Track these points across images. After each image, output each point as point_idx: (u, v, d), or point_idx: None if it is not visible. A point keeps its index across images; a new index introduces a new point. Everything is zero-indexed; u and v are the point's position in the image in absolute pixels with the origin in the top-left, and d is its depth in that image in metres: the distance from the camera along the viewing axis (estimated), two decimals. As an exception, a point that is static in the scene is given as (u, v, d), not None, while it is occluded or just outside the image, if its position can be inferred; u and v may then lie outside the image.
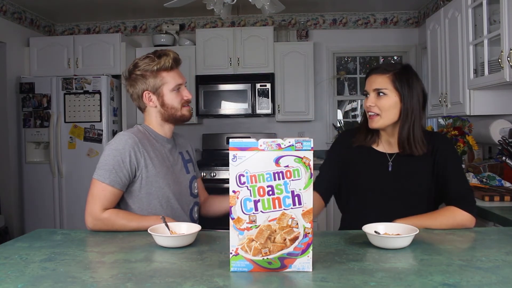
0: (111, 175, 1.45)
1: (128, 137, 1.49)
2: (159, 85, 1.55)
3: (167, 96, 1.55)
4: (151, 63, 1.54)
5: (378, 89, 1.48)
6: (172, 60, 1.55)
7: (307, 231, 0.96)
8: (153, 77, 1.54)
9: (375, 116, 1.49)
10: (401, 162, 1.52)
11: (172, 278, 0.92)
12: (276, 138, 0.96)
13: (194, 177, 1.69)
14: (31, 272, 0.97)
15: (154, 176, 1.50)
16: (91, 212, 1.45)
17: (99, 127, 3.97)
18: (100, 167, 1.47)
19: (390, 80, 1.48)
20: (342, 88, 5.00)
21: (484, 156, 2.98)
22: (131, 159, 1.47)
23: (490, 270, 0.95)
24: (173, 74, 1.56)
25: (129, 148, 1.47)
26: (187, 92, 1.60)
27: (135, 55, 4.46)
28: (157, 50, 1.59)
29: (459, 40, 2.77)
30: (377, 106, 1.48)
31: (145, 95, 1.56)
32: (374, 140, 1.57)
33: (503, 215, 1.74)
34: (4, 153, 4.01)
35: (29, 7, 4.27)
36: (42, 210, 4.03)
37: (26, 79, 4.08)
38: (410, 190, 1.50)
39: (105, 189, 1.45)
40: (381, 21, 4.61)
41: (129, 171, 1.47)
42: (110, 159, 1.46)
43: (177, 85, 1.56)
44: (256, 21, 4.73)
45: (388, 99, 1.47)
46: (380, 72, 1.50)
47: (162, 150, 1.57)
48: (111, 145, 1.49)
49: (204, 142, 4.65)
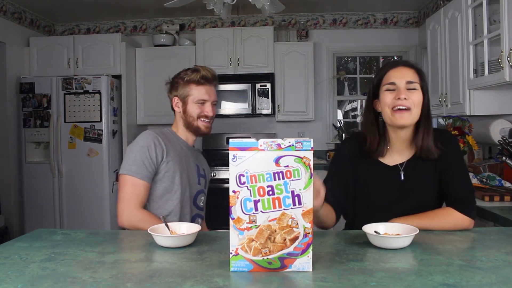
0: (142, 170, 1.55)
1: (152, 135, 1.62)
2: (186, 94, 1.70)
3: (189, 105, 1.70)
4: (186, 74, 1.71)
5: (412, 81, 1.36)
6: (200, 76, 1.69)
7: (307, 231, 0.96)
8: (183, 86, 1.71)
9: (406, 111, 1.35)
10: (413, 168, 1.44)
11: (172, 278, 0.92)
12: (276, 138, 0.96)
13: (203, 192, 1.79)
14: (31, 272, 0.97)
15: (172, 173, 1.61)
16: (126, 208, 1.53)
17: (99, 127, 3.96)
18: (131, 164, 1.56)
19: (417, 75, 1.39)
20: (342, 88, 5.00)
21: (484, 156, 2.98)
22: (157, 154, 1.59)
23: (490, 270, 0.95)
24: (200, 89, 1.69)
25: (153, 145, 1.59)
26: (209, 109, 1.71)
27: (135, 55, 4.46)
28: (198, 65, 1.76)
29: (459, 40, 2.77)
30: (410, 100, 1.35)
31: (174, 99, 1.73)
32: (382, 151, 1.45)
33: (503, 215, 1.74)
34: (4, 153, 4.01)
35: (29, 7, 4.27)
36: (42, 210, 4.03)
37: (26, 79, 4.08)
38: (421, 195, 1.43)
39: (136, 184, 1.54)
40: (381, 21, 4.61)
41: (155, 165, 1.59)
42: (139, 155, 1.57)
43: (201, 99, 1.69)
44: (256, 21, 4.73)
45: (419, 94, 1.37)
46: (409, 66, 1.40)
47: (181, 153, 1.69)
48: (137, 143, 1.61)
49: (204, 142, 4.65)
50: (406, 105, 1.35)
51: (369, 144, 1.44)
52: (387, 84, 1.39)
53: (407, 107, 1.35)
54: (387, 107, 1.38)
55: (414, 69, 1.40)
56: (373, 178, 1.46)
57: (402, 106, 1.35)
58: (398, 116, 1.36)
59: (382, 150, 1.44)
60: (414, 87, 1.37)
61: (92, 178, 3.92)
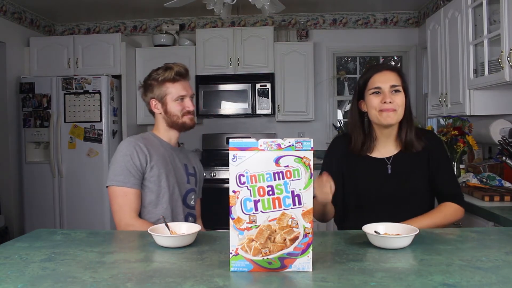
0: (130, 179, 1.54)
1: (133, 142, 1.60)
2: (164, 94, 1.67)
3: (170, 104, 1.67)
4: (159, 74, 1.67)
5: (395, 85, 1.49)
6: (174, 73, 1.66)
7: (307, 231, 0.96)
8: (158, 86, 1.67)
9: (392, 111, 1.48)
10: (400, 162, 1.55)
11: (172, 278, 0.92)
12: (276, 138, 0.96)
13: (193, 190, 1.76)
14: (31, 272, 0.97)
15: (157, 177, 1.59)
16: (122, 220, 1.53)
17: (99, 127, 3.97)
18: (117, 174, 1.55)
19: (399, 77, 1.52)
20: (342, 88, 5.00)
21: (484, 156, 2.98)
22: (140, 161, 1.57)
23: (490, 270, 0.95)
24: (177, 86, 1.67)
25: (136, 152, 1.57)
26: (190, 104, 1.69)
27: (135, 55, 4.46)
28: (168, 63, 1.70)
29: (459, 40, 2.77)
30: (395, 102, 1.49)
31: (151, 102, 1.70)
32: (369, 148, 1.57)
33: (503, 215, 1.74)
34: (4, 153, 4.01)
35: (29, 7, 4.27)
36: (42, 210, 4.03)
37: (26, 79, 4.08)
38: (410, 189, 1.53)
39: (127, 193, 1.54)
40: (381, 21, 4.61)
41: (141, 171, 1.57)
42: (123, 164, 1.55)
43: (179, 96, 1.67)
44: (256, 21, 4.73)
45: (402, 96, 1.51)
46: (392, 69, 1.52)
47: (165, 154, 1.66)
48: (120, 152, 1.59)
49: (204, 142, 4.65)
50: (391, 108, 1.48)
51: (354, 143, 1.57)
52: (372, 89, 1.51)
53: (392, 108, 1.48)
54: (374, 109, 1.51)
55: (396, 72, 1.53)
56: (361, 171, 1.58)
57: (387, 108, 1.48)
58: (385, 116, 1.49)
59: (368, 148, 1.57)
60: (397, 89, 1.50)
61: (92, 178, 3.92)
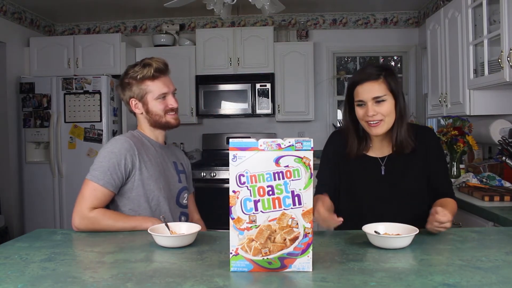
0: (105, 177, 1.45)
1: (124, 140, 1.51)
2: (144, 93, 1.57)
3: (151, 103, 1.58)
4: (137, 71, 1.56)
5: (378, 97, 1.43)
6: (153, 70, 1.55)
7: (307, 231, 0.96)
8: (137, 85, 1.57)
9: (379, 123, 1.45)
10: (393, 163, 1.54)
11: (172, 278, 0.92)
12: (276, 138, 0.96)
13: (185, 188, 1.70)
14: (31, 272, 0.97)
15: (146, 179, 1.52)
16: (79, 211, 1.43)
17: (99, 127, 3.96)
18: (95, 169, 1.47)
19: (385, 85, 1.44)
20: (342, 88, 4.99)
21: (484, 156, 2.98)
22: (126, 162, 1.48)
23: (490, 270, 0.95)
24: (157, 83, 1.57)
25: (125, 151, 1.49)
26: (173, 101, 1.60)
27: (135, 55, 4.46)
28: (146, 59, 1.60)
29: (459, 40, 2.77)
30: (379, 113, 1.44)
31: (131, 102, 1.60)
32: (365, 148, 1.56)
33: (503, 215, 1.74)
34: (4, 153, 4.01)
35: (29, 7, 4.27)
36: (42, 210, 4.03)
37: (26, 79, 4.08)
38: (405, 190, 1.52)
39: (97, 189, 1.45)
40: (381, 21, 4.61)
41: (123, 173, 1.49)
42: (106, 161, 1.47)
43: (161, 94, 1.57)
44: (256, 21, 4.73)
45: (388, 104, 1.45)
46: (374, 79, 1.44)
47: (156, 154, 1.59)
48: (106, 148, 1.51)
49: (204, 142, 4.65)
50: (377, 119, 1.45)
51: (349, 148, 1.56)
52: (357, 101, 1.48)
53: (378, 120, 1.45)
54: (361, 120, 1.49)
55: (380, 80, 1.44)
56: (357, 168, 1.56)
57: (373, 120, 1.45)
58: (375, 128, 1.47)
59: (364, 148, 1.56)
60: (381, 99, 1.44)
61: (92, 178, 3.90)
